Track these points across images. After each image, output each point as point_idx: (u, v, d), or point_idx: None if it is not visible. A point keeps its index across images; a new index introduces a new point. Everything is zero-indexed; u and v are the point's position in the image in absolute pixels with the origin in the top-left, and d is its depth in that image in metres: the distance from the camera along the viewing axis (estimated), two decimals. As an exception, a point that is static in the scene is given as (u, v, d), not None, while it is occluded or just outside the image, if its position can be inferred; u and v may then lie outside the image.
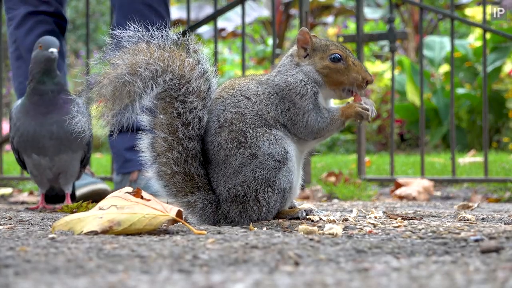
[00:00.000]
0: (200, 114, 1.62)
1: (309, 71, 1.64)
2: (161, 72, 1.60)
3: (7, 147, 6.65)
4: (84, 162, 2.27)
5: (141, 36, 1.61)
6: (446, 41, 7.11)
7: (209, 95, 1.64)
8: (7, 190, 3.35)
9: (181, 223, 1.44)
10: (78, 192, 2.65)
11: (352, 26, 8.86)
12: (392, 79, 3.55)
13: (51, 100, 2.15)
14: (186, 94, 1.61)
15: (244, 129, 1.60)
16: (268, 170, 1.58)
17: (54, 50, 2.13)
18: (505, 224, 1.62)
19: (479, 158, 4.83)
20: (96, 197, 2.48)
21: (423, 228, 1.45)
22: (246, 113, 1.61)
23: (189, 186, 1.63)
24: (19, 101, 2.21)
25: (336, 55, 1.63)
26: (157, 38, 1.61)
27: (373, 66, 7.12)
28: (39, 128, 2.15)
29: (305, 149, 1.69)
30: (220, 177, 1.62)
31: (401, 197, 3.00)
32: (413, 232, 1.41)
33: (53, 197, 2.43)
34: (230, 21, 8.97)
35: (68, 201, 2.24)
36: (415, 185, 3.09)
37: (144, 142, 1.65)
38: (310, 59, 1.65)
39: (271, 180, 1.58)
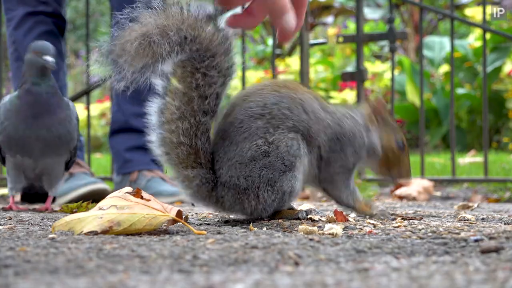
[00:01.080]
0: (218, 91, 1.61)
1: (374, 141, 1.66)
2: (190, 40, 1.58)
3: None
4: (69, 165, 2.22)
5: (177, 1, 1.59)
6: (446, 41, 7.11)
7: (230, 74, 1.62)
8: (6, 191, 3.35)
9: (181, 223, 1.44)
10: (78, 192, 2.65)
11: (352, 26, 8.87)
12: (392, 79, 3.55)
13: (44, 102, 2.08)
14: (208, 68, 1.60)
15: (280, 126, 1.58)
16: (273, 171, 1.58)
17: (49, 58, 2.05)
18: (505, 224, 1.62)
19: (479, 158, 4.84)
20: (96, 197, 2.48)
21: (423, 228, 1.46)
22: (294, 119, 1.59)
23: (191, 160, 1.61)
24: (7, 98, 2.14)
25: (402, 142, 1.67)
26: (192, 7, 1.60)
27: (373, 66, 7.12)
28: (28, 130, 2.08)
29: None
30: (226, 159, 1.60)
31: (401, 197, 3.00)
32: (413, 232, 1.41)
33: (33, 196, 2.40)
34: (230, 21, 8.96)
35: (48, 205, 2.19)
36: (415, 185, 3.10)
37: (153, 106, 1.62)
38: (380, 130, 1.67)
39: (273, 180, 1.58)
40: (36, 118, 2.08)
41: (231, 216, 1.69)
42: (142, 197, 1.45)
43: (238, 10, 1.39)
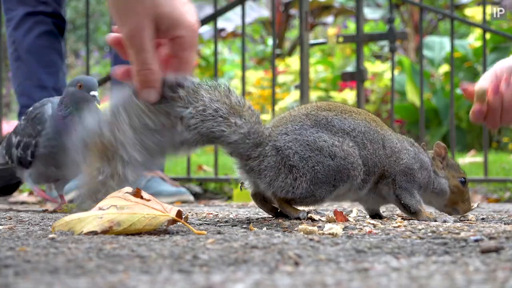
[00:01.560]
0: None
1: (444, 183, 1.74)
2: None
3: (7, 147, 6.65)
4: None
5: None
6: (446, 41, 7.11)
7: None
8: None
9: (181, 223, 1.44)
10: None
11: (352, 26, 8.87)
12: (392, 79, 3.55)
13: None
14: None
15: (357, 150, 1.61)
16: (324, 174, 1.58)
17: (96, 93, 2.02)
18: (505, 224, 1.62)
19: (479, 158, 4.84)
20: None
21: (422, 228, 1.46)
22: (369, 151, 1.63)
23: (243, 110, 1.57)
24: (50, 110, 2.09)
25: (464, 179, 1.76)
26: None
27: (373, 66, 7.12)
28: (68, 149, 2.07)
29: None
30: (297, 132, 1.59)
31: (401, 197, 2.99)
32: (413, 232, 1.41)
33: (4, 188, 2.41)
34: (230, 21, 8.98)
35: (64, 201, 2.22)
36: (415, 185, 3.09)
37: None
38: (445, 172, 1.75)
39: (317, 180, 1.58)
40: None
41: (243, 188, 1.67)
42: (142, 197, 1.45)
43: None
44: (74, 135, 1.96)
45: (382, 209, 1.94)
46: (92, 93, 2.01)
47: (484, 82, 1.74)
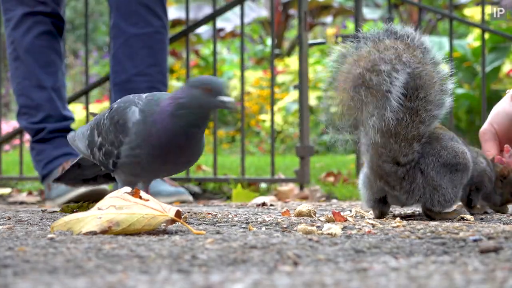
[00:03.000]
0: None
1: (497, 198, 1.85)
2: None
3: (6, 147, 6.64)
4: None
5: None
6: (445, 41, 7.11)
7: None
8: (6, 190, 3.35)
9: (179, 223, 1.44)
10: (77, 192, 2.65)
11: (351, 26, 8.87)
12: (391, 79, 3.55)
13: (193, 143, 1.73)
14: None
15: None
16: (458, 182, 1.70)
17: (228, 99, 1.66)
18: (503, 224, 1.62)
19: (478, 158, 4.83)
20: (95, 197, 2.48)
21: (421, 228, 1.46)
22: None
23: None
24: (138, 116, 1.72)
25: None
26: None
27: (372, 66, 7.10)
28: (164, 166, 1.77)
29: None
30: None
31: (400, 197, 2.99)
32: (412, 232, 1.41)
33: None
34: (228, 21, 8.97)
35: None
36: (414, 185, 3.09)
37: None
38: (502, 186, 1.84)
39: (454, 183, 1.68)
40: (179, 156, 1.73)
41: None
42: (140, 197, 1.45)
43: None
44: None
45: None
46: (223, 98, 1.64)
47: (488, 141, 1.94)
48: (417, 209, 1.85)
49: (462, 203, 1.83)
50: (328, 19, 9.85)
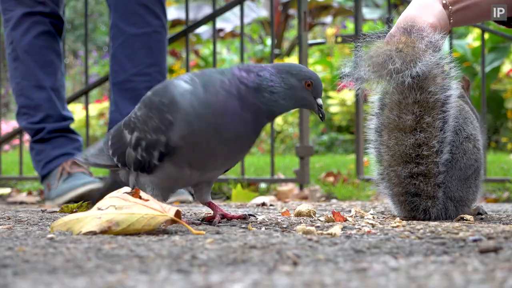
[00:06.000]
0: None
1: None
2: None
3: (6, 147, 6.64)
4: None
5: None
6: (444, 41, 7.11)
7: None
8: (5, 190, 3.35)
9: (179, 223, 1.44)
10: (76, 192, 2.65)
11: (350, 26, 8.87)
12: (391, 79, 3.55)
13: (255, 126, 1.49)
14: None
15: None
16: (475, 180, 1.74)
17: (322, 104, 1.50)
18: (503, 224, 1.62)
19: (478, 158, 4.82)
20: (95, 197, 2.48)
21: (421, 228, 1.46)
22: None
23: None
24: (183, 86, 1.46)
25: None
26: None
27: (372, 66, 7.10)
28: (223, 149, 1.51)
29: None
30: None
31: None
32: (412, 232, 1.41)
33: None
34: (228, 21, 8.97)
35: (217, 217, 1.63)
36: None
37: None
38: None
39: (474, 183, 1.72)
40: (241, 146, 1.52)
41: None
42: (140, 197, 1.45)
43: None
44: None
45: (381, 209, 1.94)
46: (320, 101, 1.48)
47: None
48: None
49: None
50: (328, 19, 9.85)
